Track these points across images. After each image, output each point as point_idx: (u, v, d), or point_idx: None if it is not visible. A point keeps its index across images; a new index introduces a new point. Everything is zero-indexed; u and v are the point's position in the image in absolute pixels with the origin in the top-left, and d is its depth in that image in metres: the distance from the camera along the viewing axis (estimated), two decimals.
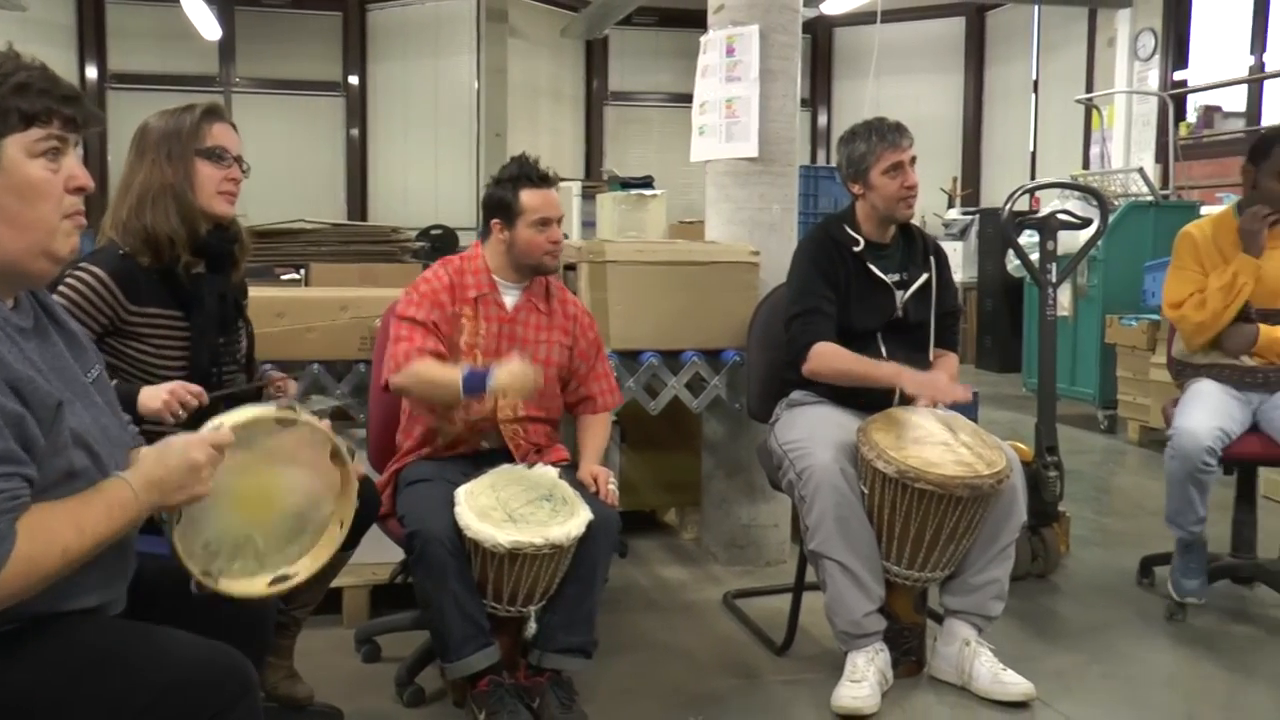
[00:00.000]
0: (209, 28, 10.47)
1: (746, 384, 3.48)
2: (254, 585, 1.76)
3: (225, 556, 1.73)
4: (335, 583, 2.85)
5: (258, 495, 1.78)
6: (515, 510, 2.53)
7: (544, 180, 2.86)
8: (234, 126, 2.52)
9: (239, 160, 2.48)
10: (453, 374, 2.65)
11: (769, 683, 3.00)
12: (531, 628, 2.64)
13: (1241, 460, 3.48)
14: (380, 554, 2.92)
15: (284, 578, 1.80)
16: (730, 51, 3.96)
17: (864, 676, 2.80)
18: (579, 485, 2.70)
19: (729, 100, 3.98)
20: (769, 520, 4.02)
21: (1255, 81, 8.81)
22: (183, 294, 2.45)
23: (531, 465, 2.75)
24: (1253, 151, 3.46)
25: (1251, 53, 8.95)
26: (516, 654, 2.71)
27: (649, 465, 4.30)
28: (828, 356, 3.01)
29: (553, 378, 2.91)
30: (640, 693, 2.93)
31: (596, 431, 2.97)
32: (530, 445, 2.87)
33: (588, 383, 2.99)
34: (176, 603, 1.71)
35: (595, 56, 12.57)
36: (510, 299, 2.89)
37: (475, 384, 2.61)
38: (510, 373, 2.59)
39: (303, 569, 1.83)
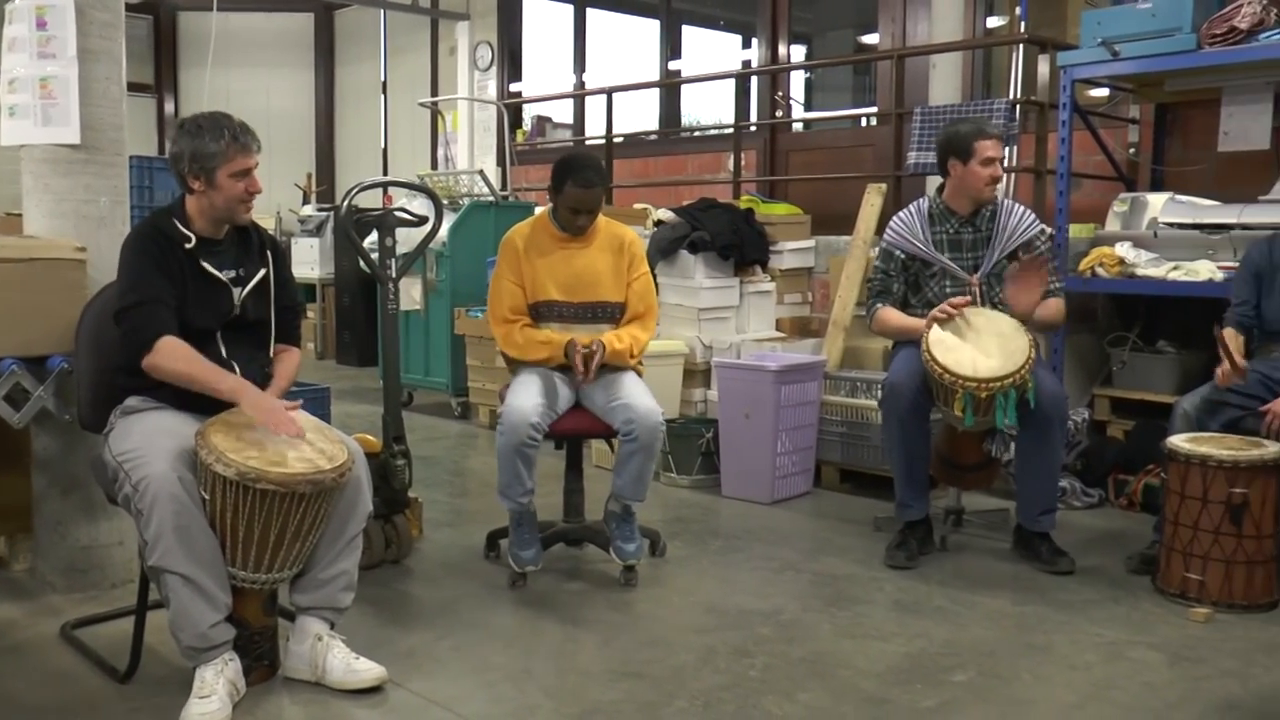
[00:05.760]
0: None
1: (76, 392, 3.19)
2: None
3: None
4: None
5: None
6: None
7: None
8: None
9: None
10: None
11: (111, 715, 2.78)
12: None
13: (566, 435, 3.85)
14: None
15: None
16: (42, 25, 3.58)
17: (213, 690, 2.69)
18: None
19: (44, 79, 3.60)
20: (112, 539, 3.72)
21: (578, 97, 9.77)
22: None
23: None
24: (553, 179, 3.81)
25: (575, 71, 9.92)
26: None
27: None
28: (175, 353, 2.85)
29: None
30: None
31: None
32: None
33: None
34: None
35: None
36: None
37: None
38: None
39: None
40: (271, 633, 2.97)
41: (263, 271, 3.11)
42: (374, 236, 4.10)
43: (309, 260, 9.97)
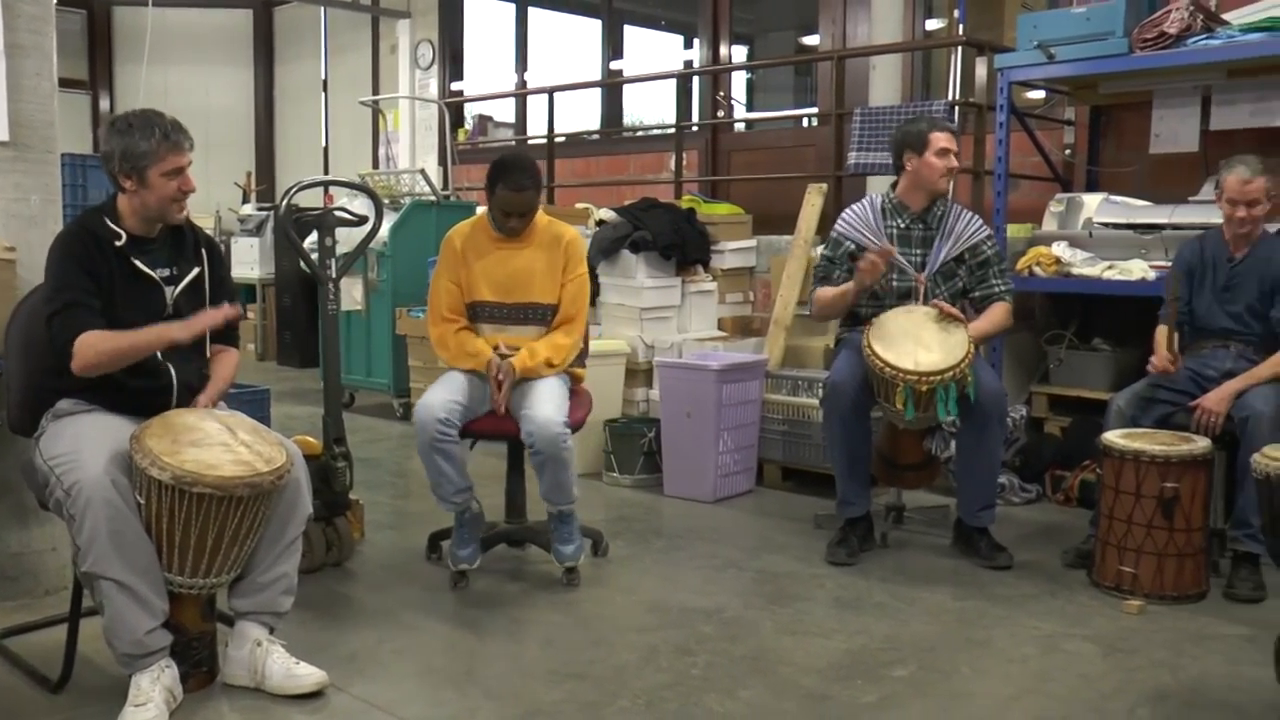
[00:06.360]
0: None
1: (6, 395, 3.12)
2: None
3: None
4: None
5: None
6: None
7: None
8: None
9: None
10: None
11: None
12: None
13: (483, 435, 3.81)
14: None
15: None
16: None
17: (149, 698, 2.65)
18: None
19: None
20: (45, 544, 3.65)
21: (520, 96, 9.75)
22: None
23: None
24: (487, 180, 3.78)
25: (516, 71, 9.89)
26: None
27: None
28: (93, 343, 2.80)
29: None
30: None
31: None
32: None
33: None
34: None
35: None
36: None
37: None
38: None
39: None
40: (210, 638, 2.93)
41: (196, 270, 3.06)
42: (314, 236, 4.06)
43: (249, 260, 9.85)
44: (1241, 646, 3.27)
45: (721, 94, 8.17)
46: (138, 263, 2.94)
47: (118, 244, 2.91)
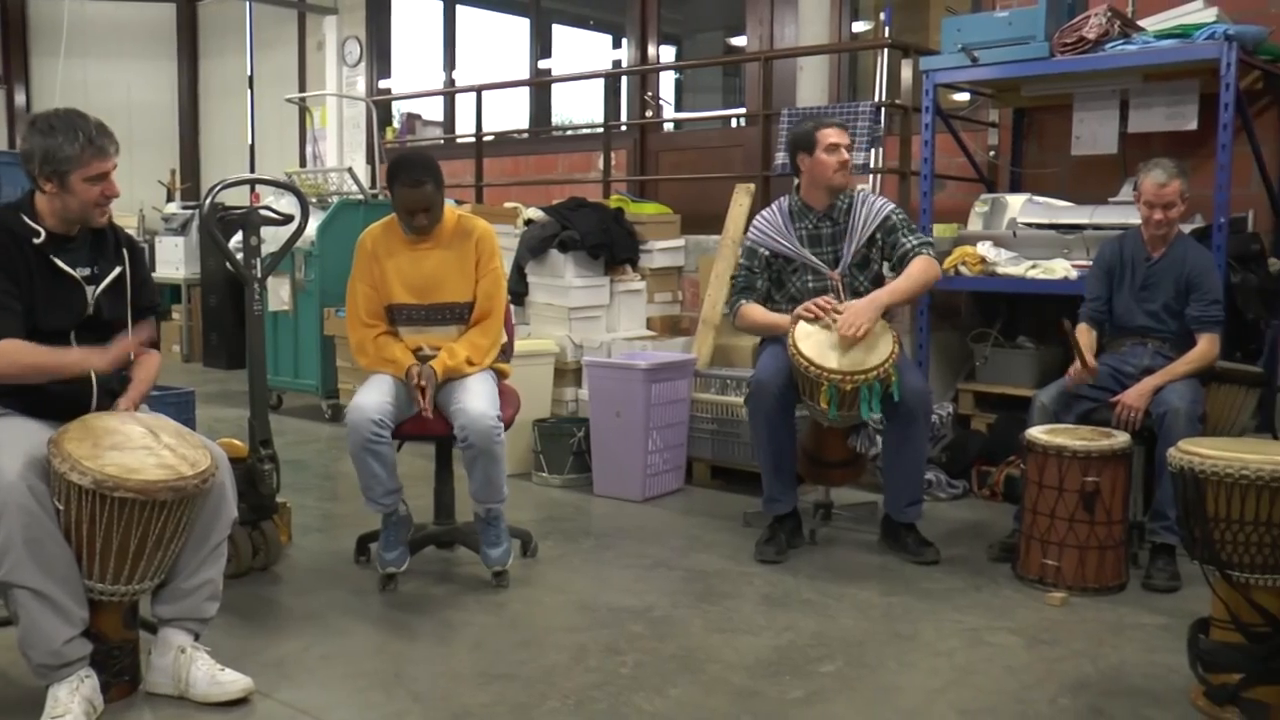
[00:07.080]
0: None
1: None
2: None
3: None
4: None
5: None
6: None
7: None
8: None
9: None
10: None
11: None
12: None
13: (414, 436, 3.77)
14: None
15: None
16: None
17: (67, 710, 2.59)
18: None
19: None
20: None
21: (448, 94, 9.69)
22: None
23: None
24: (388, 180, 3.77)
25: (444, 69, 9.83)
26: None
27: None
28: (10, 353, 2.74)
29: None
30: None
31: None
32: None
33: None
34: None
35: None
36: None
37: None
38: None
39: None
40: (132, 647, 2.87)
41: (118, 269, 3.00)
42: (239, 235, 4.00)
43: (173, 260, 9.67)
44: (1158, 635, 3.36)
45: (649, 94, 8.18)
46: (58, 261, 2.87)
47: (36, 241, 2.84)
